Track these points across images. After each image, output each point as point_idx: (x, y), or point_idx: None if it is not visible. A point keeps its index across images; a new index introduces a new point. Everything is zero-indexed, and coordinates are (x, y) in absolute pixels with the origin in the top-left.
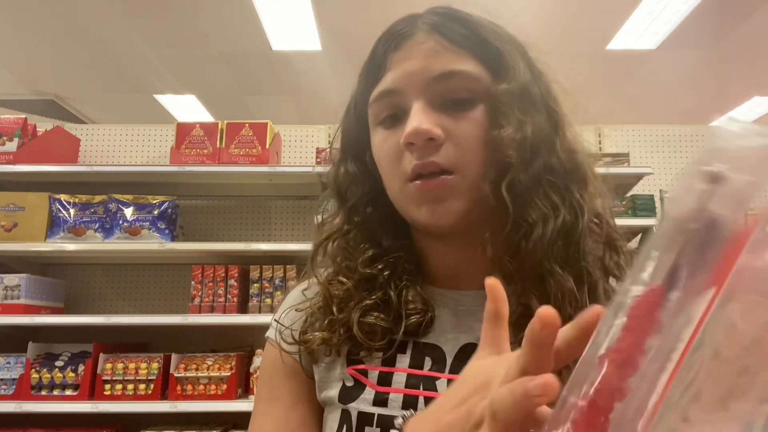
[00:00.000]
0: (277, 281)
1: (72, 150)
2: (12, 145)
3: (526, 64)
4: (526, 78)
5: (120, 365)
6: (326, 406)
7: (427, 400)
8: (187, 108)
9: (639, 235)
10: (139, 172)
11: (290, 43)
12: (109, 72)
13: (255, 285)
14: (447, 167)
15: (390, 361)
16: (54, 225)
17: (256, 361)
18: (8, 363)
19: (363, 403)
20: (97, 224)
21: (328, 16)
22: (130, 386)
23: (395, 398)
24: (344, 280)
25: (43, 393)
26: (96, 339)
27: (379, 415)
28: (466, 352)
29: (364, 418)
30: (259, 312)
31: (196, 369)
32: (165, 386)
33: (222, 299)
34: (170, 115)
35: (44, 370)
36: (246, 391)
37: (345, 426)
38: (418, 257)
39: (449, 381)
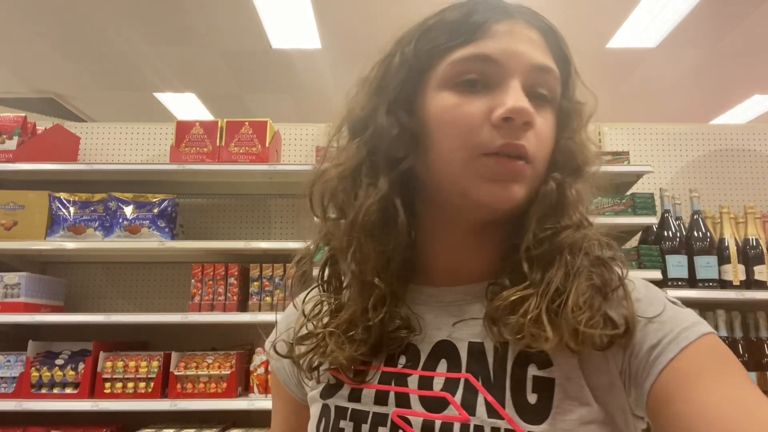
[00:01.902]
0: (277, 280)
1: (72, 148)
2: (12, 144)
3: (574, 89)
4: (576, 101)
5: (120, 363)
6: (311, 403)
7: (398, 396)
8: (186, 106)
9: (638, 234)
10: (138, 171)
11: (290, 41)
12: (109, 70)
13: (255, 283)
14: (529, 156)
15: (368, 360)
16: (54, 223)
17: (256, 359)
18: (8, 361)
19: (340, 399)
20: (97, 223)
21: (328, 15)
22: (130, 384)
23: (368, 393)
24: (353, 280)
25: (44, 391)
26: (96, 337)
27: (352, 409)
28: (440, 349)
29: (340, 412)
30: (259, 310)
31: (196, 367)
32: (165, 384)
33: (222, 298)
34: (170, 113)
35: (44, 368)
36: (246, 390)
37: (324, 419)
38: (417, 252)
39: (420, 377)
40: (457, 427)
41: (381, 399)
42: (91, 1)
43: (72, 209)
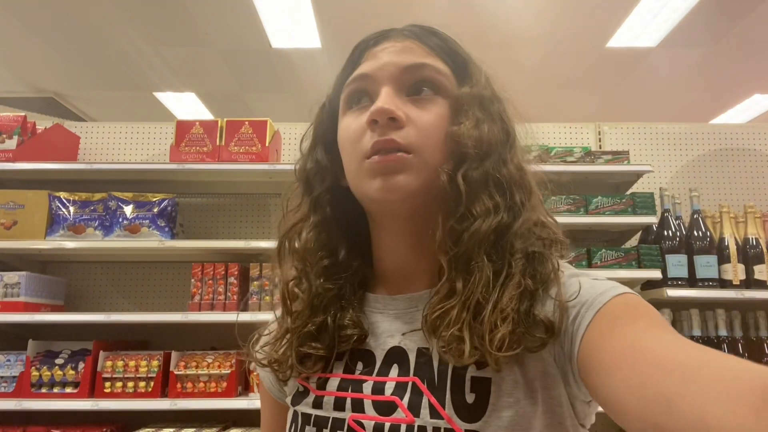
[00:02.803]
0: (277, 279)
1: (71, 148)
2: (11, 143)
3: (487, 82)
4: (486, 91)
5: (120, 363)
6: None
7: (354, 401)
8: (186, 106)
9: (638, 233)
10: (138, 170)
11: (290, 40)
12: (109, 70)
13: (255, 283)
14: (405, 146)
15: (328, 368)
16: (54, 223)
17: None
18: (8, 361)
19: (305, 406)
20: (97, 222)
21: (328, 14)
22: (130, 384)
23: (328, 400)
24: (300, 293)
25: (44, 391)
26: (96, 337)
27: (315, 415)
28: (392, 355)
29: (305, 419)
30: (259, 310)
31: (196, 367)
32: (165, 384)
33: (222, 297)
34: (170, 112)
35: (44, 367)
36: (246, 389)
37: (293, 425)
38: (374, 262)
39: (374, 383)
40: (403, 428)
41: (339, 405)
42: (92, 1)
43: (72, 209)
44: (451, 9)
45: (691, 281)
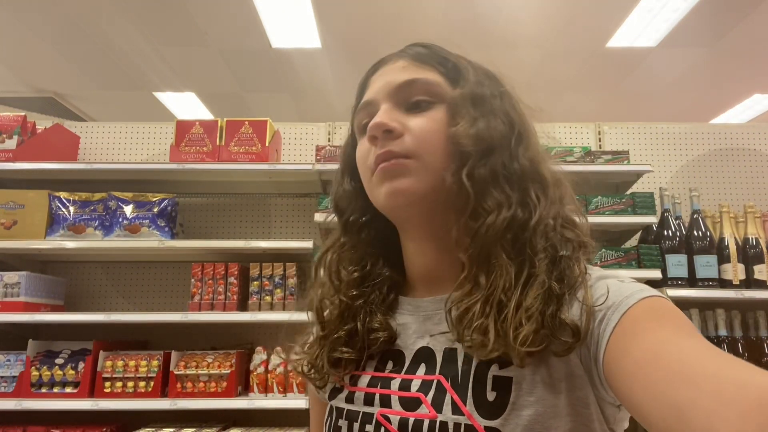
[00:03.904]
0: (277, 279)
1: (71, 147)
2: (11, 143)
3: (484, 79)
4: (481, 88)
5: (120, 363)
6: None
7: (382, 397)
8: (186, 105)
9: (638, 233)
10: (138, 170)
11: (290, 40)
12: (109, 70)
13: (255, 283)
14: (403, 153)
15: (362, 366)
16: (54, 223)
17: (256, 358)
18: (8, 361)
19: (339, 401)
20: (97, 222)
21: (328, 14)
22: (130, 384)
23: (359, 396)
24: (330, 305)
25: (43, 390)
26: (96, 336)
27: (347, 410)
28: (420, 355)
29: (339, 412)
30: (259, 310)
31: (196, 366)
32: (165, 384)
33: (222, 297)
34: (170, 112)
35: (44, 367)
36: (246, 389)
37: (329, 418)
38: (406, 268)
39: (402, 380)
40: (426, 423)
41: (369, 400)
42: (92, 1)
43: (72, 208)
44: (451, 9)
45: (691, 281)
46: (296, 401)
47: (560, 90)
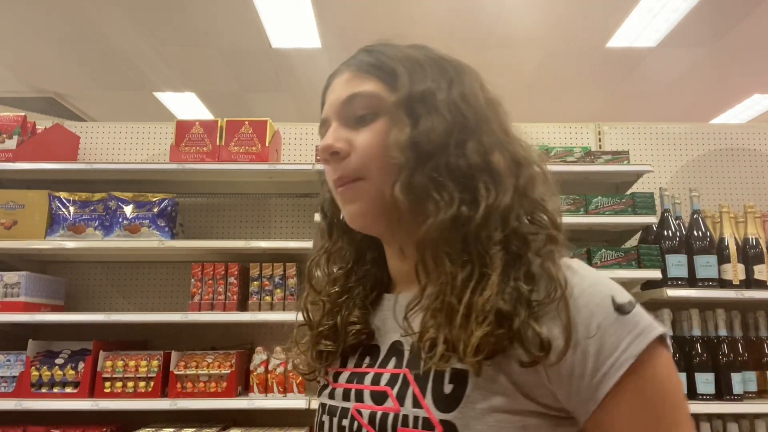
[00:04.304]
0: (277, 279)
1: (71, 148)
2: (11, 143)
3: (432, 74)
4: (417, 86)
5: (120, 363)
6: None
7: (356, 392)
8: (186, 105)
9: (638, 233)
10: (138, 170)
11: (290, 40)
12: (109, 70)
13: (255, 283)
14: (353, 176)
15: (344, 360)
16: (54, 223)
17: (256, 358)
18: (8, 361)
19: (324, 397)
20: (97, 222)
21: (328, 14)
22: (130, 384)
23: (339, 392)
24: (317, 302)
25: (43, 390)
26: (96, 336)
27: (329, 405)
28: (393, 349)
29: (323, 408)
30: (259, 310)
31: (196, 366)
32: (165, 384)
33: (222, 297)
34: (170, 112)
35: (44, 367)
36: (246, 389)
37: (318, 413)
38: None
39: (374, 374)
40: (390, 417)
41: (347, 395)
42: (92, 1)
43: (72, 208)
44: (451, 9)
45: (691, 281)
46: (296, 401)
47: (560, 90)
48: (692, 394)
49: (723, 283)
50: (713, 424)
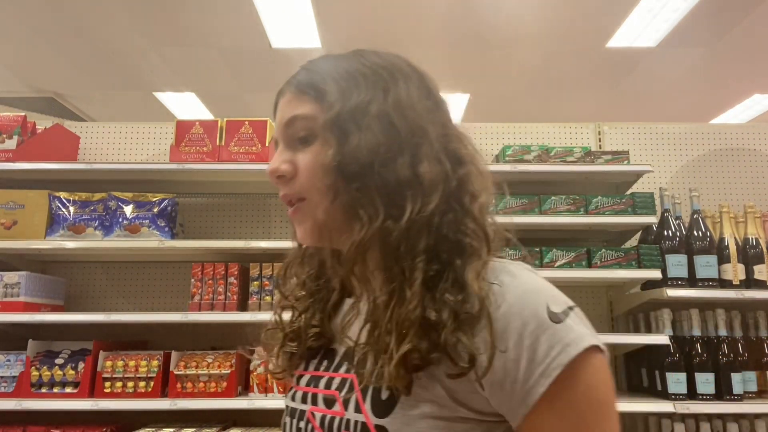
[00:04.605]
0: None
1: (71, 148)
2: (11, 143)
3: (364, 86)
4: (349, 102)
5: (120, 363)
6: None
7: (312, 395)
8: (186, 105)
9: (638, 233)
10: (138, 170)
11: (290, 40)
12: (109, 70)
13: (255, 283)
14: (297, 197)
15: (306, 365)
16: (54, 223)
17: (256, 358)
18: (8, 361)
19: (288, 399)
20: (97, 222)
21: (328, 14)
22: (130, 384)
23: (299, 394)
24: (287, 305)
25: (43, 390)
26: (96, 336)
27: (291, 407)
28: (348, 354)
29: (287, 410)
30: (259, 310)
31: (196, 366)
32: (165, 384)
33: (222, 297)
34: (170, 112)
35: (44, 367)
36: (246, 389)
37: (284, 414)
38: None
39: (327, 378)
40: (336, 420)
41: (305, 398)
42: (92, 1)
43: (72, 208)
44: (451, 9)
45: (691, 281)
46: None
47: (560, 90)
48: (692, 394)
49: (723, 283)
50: (713, 424)
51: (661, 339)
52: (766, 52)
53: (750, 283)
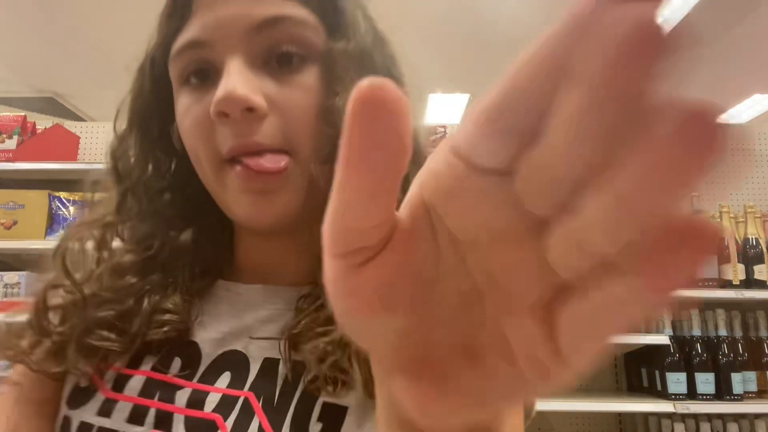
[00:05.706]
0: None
1: (71, 148)
2: (11, 143)
3: (369, 26)
4: (367, 41)
5: None
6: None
7: (159, 414)
8: None
9: None
10: None
11: None
12: (109, 69)
13: None
14: (275, 146)
15: (135, 360)
16: (54, 223)
17: None
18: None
19: (87, 412)
20: None
21: None
22: None
23: (122, 407)
24: (74, 290)
25: None
26: None
27: (99, 427)
28: (228, 360)
29: (85, 430)
30: None
31: None
32: None
33: None
34: None
35: None
36: None
37: None
38: (234, 251)
39: (193, 391)
40: None
41: (137, 416)
42: (92, 1)
43: (72, 209)
44: (451, 9)
45: None
46: None
47: None
48: (692, 394)
49: (723, 283)
50: (713, 424)
51: (661, 339)
52: (766, 51)
53: (750, 283)
